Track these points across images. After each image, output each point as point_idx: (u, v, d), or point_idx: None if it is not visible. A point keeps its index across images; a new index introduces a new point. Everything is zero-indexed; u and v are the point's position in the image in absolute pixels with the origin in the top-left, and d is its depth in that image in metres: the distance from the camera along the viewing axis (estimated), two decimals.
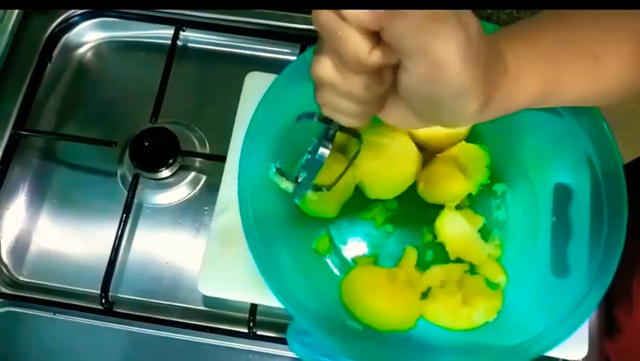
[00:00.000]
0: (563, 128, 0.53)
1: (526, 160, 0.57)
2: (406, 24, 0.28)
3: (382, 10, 0.28)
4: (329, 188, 0.45)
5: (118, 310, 0.57)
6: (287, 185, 0.44)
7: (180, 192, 0.62)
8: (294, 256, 0.54)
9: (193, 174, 0.62)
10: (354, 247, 0.57)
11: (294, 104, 0.50)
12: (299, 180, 0.43)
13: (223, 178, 0.58)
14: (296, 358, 0.56)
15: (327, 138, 0.40)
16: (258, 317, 0.56)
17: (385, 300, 0.53)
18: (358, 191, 0.57)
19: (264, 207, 0.52)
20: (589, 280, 0.49)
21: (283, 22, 0.66)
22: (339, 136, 0.41)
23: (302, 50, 0.64)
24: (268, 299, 0.52)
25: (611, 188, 0.49)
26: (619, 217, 0.48)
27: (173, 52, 0.65)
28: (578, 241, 0.52)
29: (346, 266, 0.57)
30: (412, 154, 0.56)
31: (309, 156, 0.42)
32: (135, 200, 0.60)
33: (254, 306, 0.56)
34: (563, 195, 0.55)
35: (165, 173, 0.61)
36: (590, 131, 0.51)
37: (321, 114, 0.38)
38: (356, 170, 0.55)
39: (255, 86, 0.59)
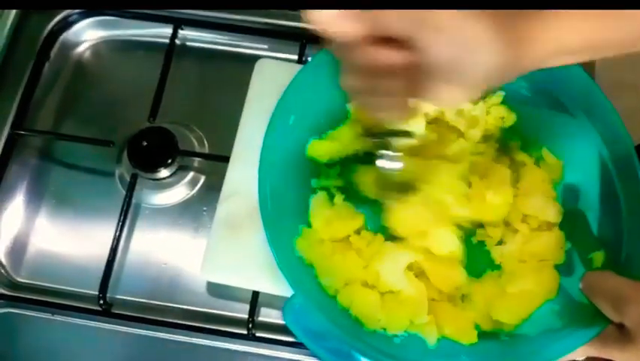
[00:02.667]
0: (574, 126, 0.52)
1: None
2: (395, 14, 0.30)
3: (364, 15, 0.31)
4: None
5: (116, 311, 0.57)
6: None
7: (179, 192, 0.61)
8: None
9: (192, 174, 0.62)
10: None
11: (321, 91, 0.53)
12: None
13: (230, 162, 0.57)
14: (294, 360, 0.56)
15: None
16: (257, 319, 0.56)
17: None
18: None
19: (280, 185, 0.51)
20: None
21: (282, 20, 0.65)
22: None
23: (302, 48, 0.64)
24: (271, 286, 0.53)
25: (625, 173, 0.49)
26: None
27: (172, 50, 0.65)
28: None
29: None
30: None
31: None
32: (133, 200, 0.60)
33: (253, 306, 0.55)
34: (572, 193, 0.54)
35: (164, 173, 0.61)
36: (599, 120, 0.51)
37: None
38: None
39: (266, 70, 0.60)
